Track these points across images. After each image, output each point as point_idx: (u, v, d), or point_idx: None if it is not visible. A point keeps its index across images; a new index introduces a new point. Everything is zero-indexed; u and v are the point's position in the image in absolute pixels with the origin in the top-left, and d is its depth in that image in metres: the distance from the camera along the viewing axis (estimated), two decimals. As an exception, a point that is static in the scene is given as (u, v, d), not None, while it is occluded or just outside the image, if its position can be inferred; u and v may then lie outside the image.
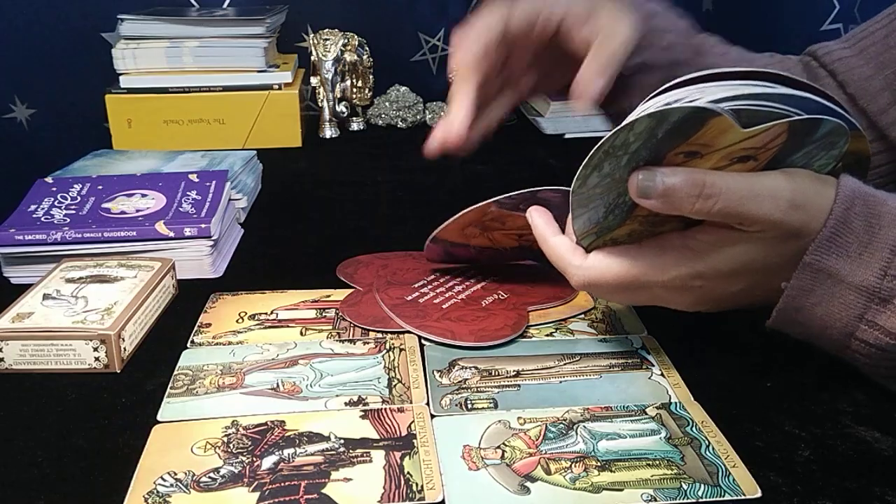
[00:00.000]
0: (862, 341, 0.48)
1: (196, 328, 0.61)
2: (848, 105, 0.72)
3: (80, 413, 0.52)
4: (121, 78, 1.09)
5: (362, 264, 0.71)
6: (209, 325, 0.62)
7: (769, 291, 0.50)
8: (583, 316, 0.62)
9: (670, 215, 0.48)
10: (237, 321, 0.62)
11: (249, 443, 0.48)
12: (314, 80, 1.17)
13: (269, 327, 0.61)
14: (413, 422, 0.50)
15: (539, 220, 0.56)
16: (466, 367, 0.55)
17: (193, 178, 0.78)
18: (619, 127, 0.44)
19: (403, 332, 0.60)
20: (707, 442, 0.47)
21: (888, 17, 0.71)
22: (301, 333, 0.60)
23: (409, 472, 0.45)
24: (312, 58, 1.17)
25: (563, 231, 0.55)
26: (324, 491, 0.44)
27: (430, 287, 0.65)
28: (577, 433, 0.48)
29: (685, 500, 0.43)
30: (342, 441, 0.48)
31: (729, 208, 0.46)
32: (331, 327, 0.61)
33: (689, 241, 0.49)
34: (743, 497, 0.43)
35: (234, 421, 0.50)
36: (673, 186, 0.45)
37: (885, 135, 0.71)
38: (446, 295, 0.64)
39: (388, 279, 0.67)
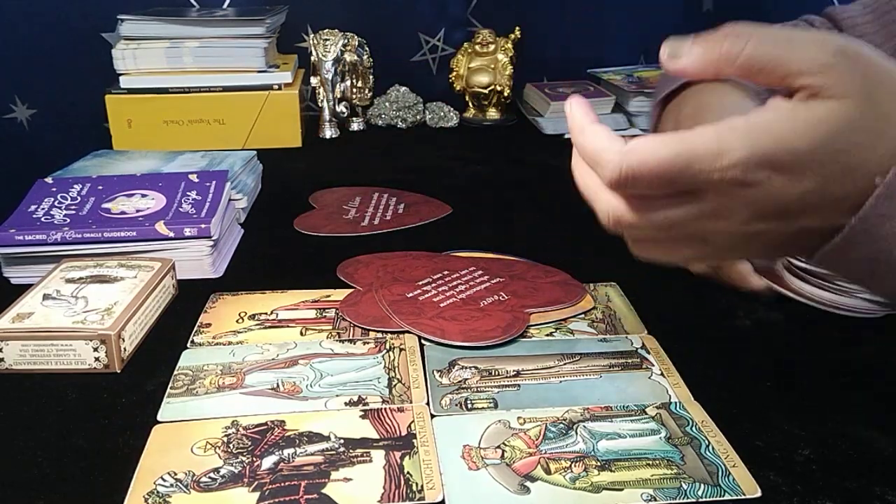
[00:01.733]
0: None
1: (196, 328, 0.61)
2: None
3: (80, 413, 0.52)
4: (121, 78, 1.09)
5: (362, 264, 0.71)
6: (209, 325, 0.62)
7: (848, 195, 0.39)
8: (583, 316, 0.62)
9: None
10: (237, 321, 0.62)
11: (249, 443, 0.48)
12: (314, 81, 1.17)
13: (269, 327, 0.61)
14: (413, 422, 0.50)
15: (578, 109, 0.43)
16: (466, 367, 0.55)
17: (193, 178, 0.78)
18: None
19: (402, 332, 0.60)
20: (707, 442, 0.47)
21: None
22: (301, 333, 0.60)
23: (409, 472, 0.45)
24: (312, 58, 1.17)
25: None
26: (324, 491, 0.44)
27: (432, 285, 0.65)
28: (577, 433, 0.48)
29: (685, 500, 0.43)
30: (342, 441, 0.48)
31: (762, 48, 0.39)
32: (331, 327, 0.61)
33: (755, 116, 0.38)
34: (743, 497, 0.43)
35: (234, 421, 0.50)
36: (703, 37, 0.40)
37: None
38: (447, 294, 0.64)
39: (394, 276, 0.67)
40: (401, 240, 0.76)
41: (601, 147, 0.40)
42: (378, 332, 0.60)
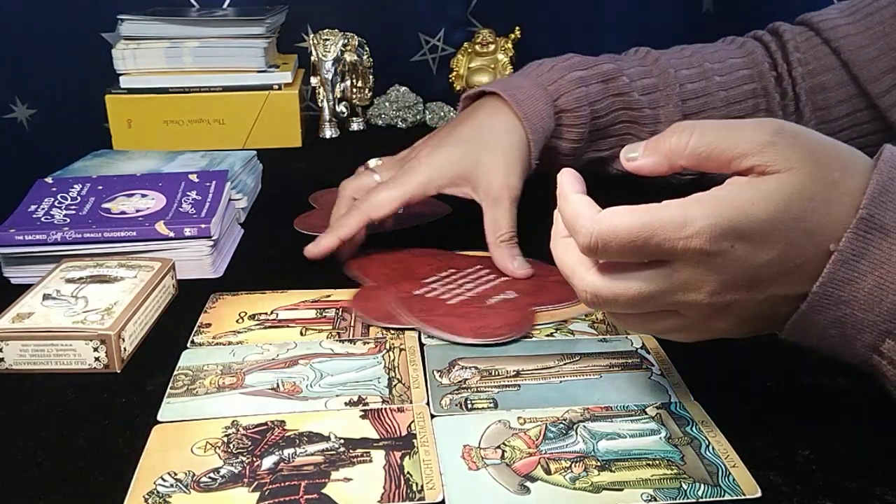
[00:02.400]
0: None
1: (196, 328, 0.61)
2: (851, 85, 0.71)
3: (80, 413, 0.52)
4: (121, 78, 1.09)
5: (375, 260, 0.71)
6: (209, 325, 0.62)
7: (809, 262, 0.41)
8: (584, 316, 0.62)
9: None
10: (237, 321, 0.62)
11: (249, 443, 0.48)
12: (314, 81, 1.17)
13: (269, 327, 0.61)
14: (413, 422, 0.50)
15: (566, 178, 0.47)
16: (466, 367, 0.55)
17: (193, 178, 0.78)
18: None
19: (407, 329, 0.60)
20: (707, 442, 0.47)
21: None
22: (301, 333, 0.60)
23: (409, 472, 0.45)
24: (312, 58, 1.17)
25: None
26: (324, 491, 0.44)
27: (440, 283, 0.65)
28: (577, 433, 0.48)
29: (685, 500, 0.43)
30: (342, 441, 0.48)
31: (706, 137, 0.42)
32: (331, 327, 0.61)
33: (717, 190, 0.42)
34: (743, 497, 0.43)
35: (234, 421, 0.50)
36: (651, 139, 0.44)
37: (883, 116, 0.70)
38: (455, 291, 0.64)
39: (402, 273, 0.67)
40: (401, 239, 0.76)
41: (578, 213, 0.43)
42: (387, 328, 0.60)
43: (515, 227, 0.67)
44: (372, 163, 0.77)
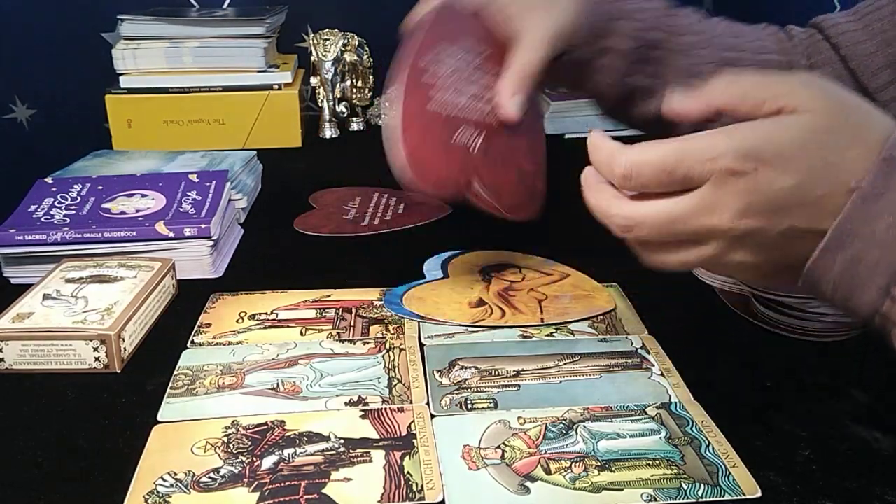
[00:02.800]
0: None
1: (196, 328, 0.61)
2: (849, 80, 0.72)
3: (80, 413, 0.52)
4: (121, 78, 1.09)
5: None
6: (209, 325, 0.62)
7: (830, 196, 0.42)
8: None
9: None
10: (237, 321, 0.62)
11: (249, 443, 0.48)
12: (314, 81, 1.17)
13: (269, 327, 0.61)
14: (413, 422, 0.50)
15: (596, 133, 0.48)
16: (466, 367, 0.55)
17: (193, 178, 0.78)
18: None
19: (410, 318, 0.60)
20: (707, 442, 0.47)
21: None
22: (301, 333, 0.60)
23: (409, 472, 0.45)
24: (312, 58, 1.17)
25: None
26: (324, 491, 0.44)
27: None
28: (577, 433, 0.48)
29: (685, 500, 0.43)
30: (342, 441, 0.48)
31: (741, 81, 0.45)
32: (331, 327, 0.61)
33: (743, 123, 0.44)
34: (743, 497, 0.43)
35: (234, 421, 0.50)
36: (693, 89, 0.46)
37: (883, 110, 0.71)
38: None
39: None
40: (401, 240, 0.76)
41: (612, 151, 0.46)
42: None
43: (536, 70, 0.61)
44: None
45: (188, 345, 0.59)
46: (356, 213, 0.83)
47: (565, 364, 0.56)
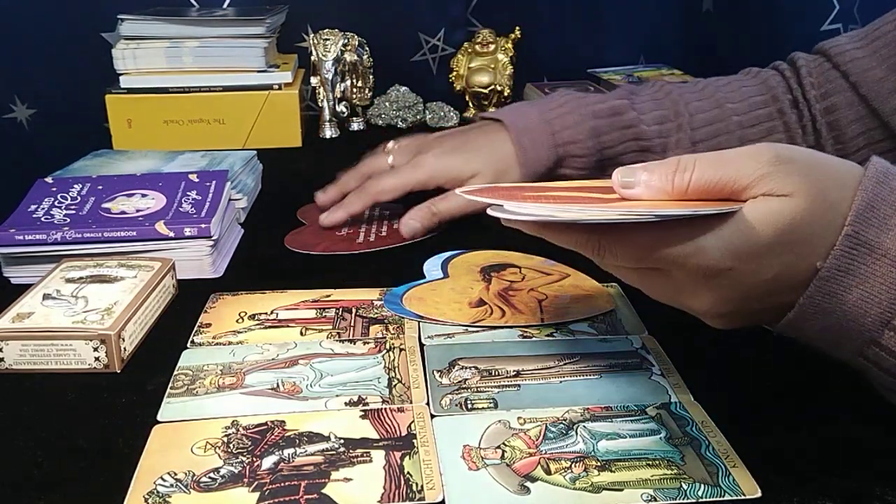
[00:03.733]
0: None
1: (196, 328, 0.61)
2: (861, 106, 0.73)
3: (80, 413, 0.52)
4: (121, 78, 1.09)
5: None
6: (209, 325, 0.62)
7: (799, 283, 0.44)
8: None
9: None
10: (237, 321, 0.62)
11: (249, 443, 0.48)
12: (314, 80, 1.17)
13: (269, 327, 0.61)
14: (413, 422, 0.50)
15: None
16: (466, 367, 0.55)
17: (193, 178, 0.78)
18: None
19: (410, 318, 0.60)
20: (707, 442, 0.47)
21: None
22: (301, 333, 0.60)
23: (409, 472, 0.45)
24: (312, 58, 1.17)
25: None
26: (324, 491, 0.44)
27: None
28: (577, 433, 0.48)
29: (685, 500, 0.43)
30: (342, 441, 0.48)
31: (706, 173, 0.44)
32: (331, 327, 0.61)
33: (725, 216, 0.44)
34: (743, 497, 0.43)
35: (234, 421, 0.50)
36: (652, 170, 0.45)
37: (895, 135, 0.72)
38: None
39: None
40: (400, 256, 0.75)
41: (591, 227, 0.46)
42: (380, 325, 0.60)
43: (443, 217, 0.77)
44: (390, 145, 0.86)
45: (188, 345, 0.59)
46: (349, 230, 0.80)
47: (565, 364, 0.56)
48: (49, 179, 0.77)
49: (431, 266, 0.71)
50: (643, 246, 0.44)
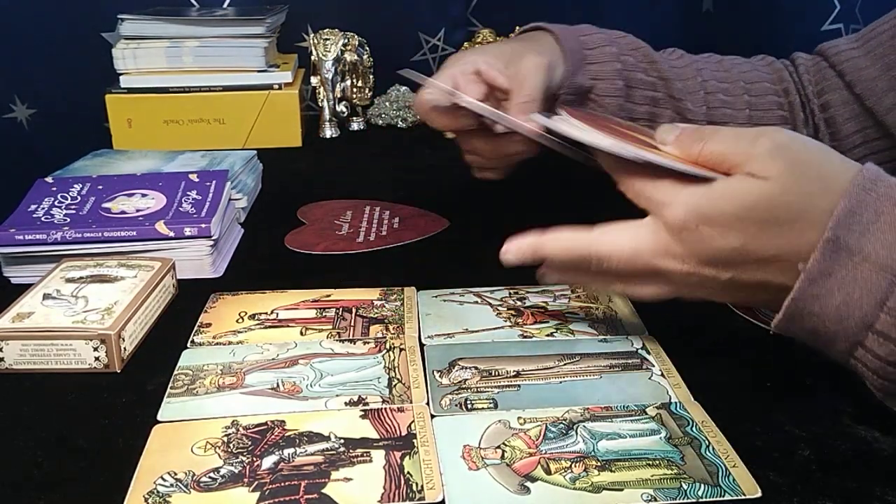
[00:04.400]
0: (879, 333, 0.44)
1: (196, 328, 0.61)
2: (856, 104, 0.74)
3: (80, 413, 0.52)
4: (121, 78, 1.09)
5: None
6: (209, 325, 0.62)
7: (770, 258, 0.47)
8: (583, 316, 0.62)
9: None
10: (237, 321, 0.62)
11: (249, 443, 0.48)
12: (314, 80, 1.17)
13: (270, 327, 0.61)
14: (413, 422, 0.50)
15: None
16: (466, 368, 0.55)
17: (193, 177, 0.78)
18: None
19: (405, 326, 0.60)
20: (707, 442, 0.47)
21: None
22: (301, 333, 0.60)
23: (409, 472, 0.45)
24: (312, 58, 1.17)
25: None
26: (324, 491, 0.44)
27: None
28: (577, 433, 0.48)
29: (685, 500, 0.43)
30: (342, 441, 0.48)
31: (716, 146, 0.49)
32: (331, 327, 0.61)
33: (706, 182, 0.48)
34: (743, 497, 0.43)
35: (234, 421, 0.50)
36: (682, 133, 0.51)
37: (890, 133, 0.72)
38: None
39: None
40: (401, 254, 0.75)
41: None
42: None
43: (537, 103, 0.67)
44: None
45: (188, 345, 0.59)
46: (349, 229, 0.81)
47: (565, 364, 0.56)
48: (49, 179, 0.77)
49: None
50: (634, 171, 0.50)
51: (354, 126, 1.22)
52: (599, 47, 0.77)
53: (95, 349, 0.55)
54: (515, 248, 0.55)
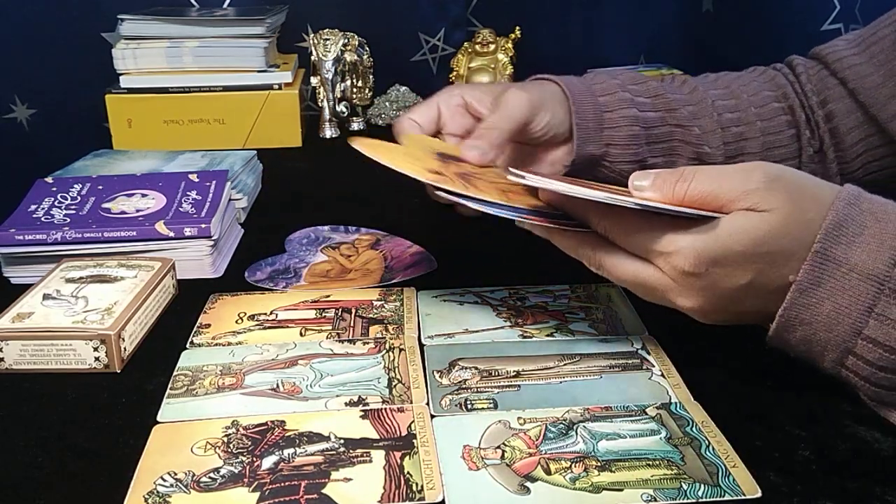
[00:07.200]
0: (869, 339, 0.46)
1: (195, 329, 0.61)
2: (860, 112, 0.73)
3: (80, 413, 0.52)
4: (121, 78, 1.10)
5: None
6: (209, 325, 0.62)
7: (775, 289, 0.48)
8: (583, 316, 0.62)
9: None
10: (237, 322, 0.62)
11: (249, 443, 0.48)
12: (314, 80, 1.17)
13: (269, 328, 0.61)
14: (413, 422, 0.50)
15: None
16: (466, 368, 0.55)
17: (193, 178, 0.78)
18: None
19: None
20: (707, 442, 0.47)
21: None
22: (301, 334, 0.60)
23: (409, 472, 0.45)
24: (312, 58, 1.17)
25: None
26: (324, 491, 0.44)
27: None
28: (577, 433, 0.48)
29: (685, 500, 0.43)
30: (342, 441, 0.48)
31: (702, 185, 0.49)
32: (330, 327, 0.61)
33: (703, 223, 0.49)
34: (743, 497, 0.43)
35: (234, 421, 0.50)
36: (659, 177, 0.50)
37: (893, 141, 0.72)
38: None
39: None
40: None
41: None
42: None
43: (502, 133, 0.65)
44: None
45: (188, 345, 0.59)
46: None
47: (565, 364, 0.56)
48: (49, 179, 0.77)
49: None
50: (630, 227, 0.50)
51: (354, 126, 1.22)
52: (616, 110, 0.73)
53: (95, 349, 0.55)
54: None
